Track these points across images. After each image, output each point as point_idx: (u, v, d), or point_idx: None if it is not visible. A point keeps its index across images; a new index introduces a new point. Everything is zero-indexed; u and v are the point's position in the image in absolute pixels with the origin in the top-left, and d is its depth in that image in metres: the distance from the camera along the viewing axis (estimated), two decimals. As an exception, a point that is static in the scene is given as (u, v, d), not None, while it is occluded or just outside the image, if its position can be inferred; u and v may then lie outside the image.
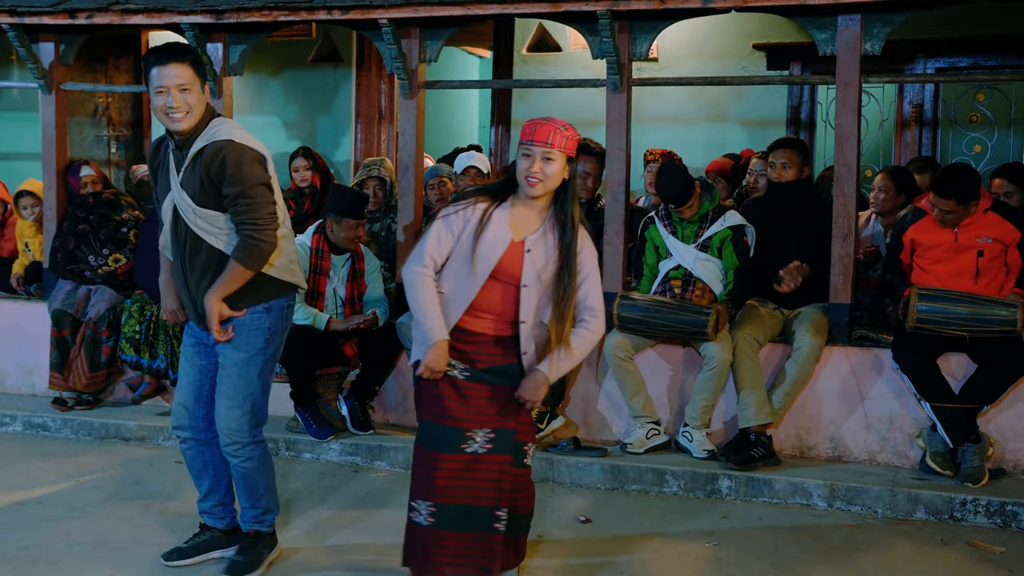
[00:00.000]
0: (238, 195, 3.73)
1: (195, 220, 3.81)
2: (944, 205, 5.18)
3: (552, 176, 3.59)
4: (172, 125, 3.79)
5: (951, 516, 4.92)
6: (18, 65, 9.01)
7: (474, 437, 3.66)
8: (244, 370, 3.93)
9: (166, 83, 3.74)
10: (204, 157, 3.75)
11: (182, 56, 3.79)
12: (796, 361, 5.39)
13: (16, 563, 4.20)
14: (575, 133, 3.66)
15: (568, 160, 3.62)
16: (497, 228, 3.63)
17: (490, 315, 3.68)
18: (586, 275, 3.70)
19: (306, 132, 8.96)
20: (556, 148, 3.57)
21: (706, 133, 8.66)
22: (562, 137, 3.59)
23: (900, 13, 5.39)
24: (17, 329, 6.87)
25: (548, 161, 3.57)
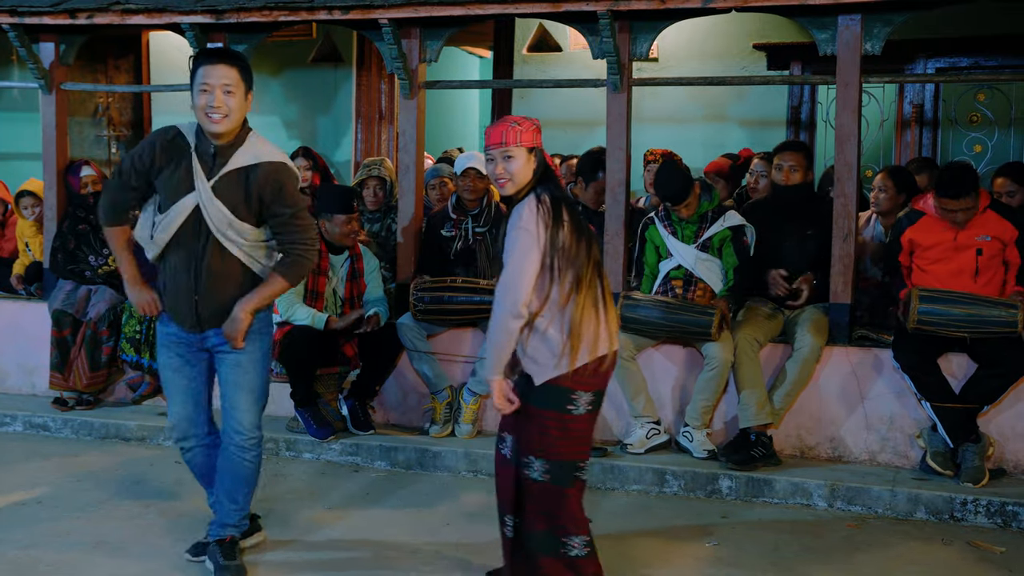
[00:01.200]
0: (292, 216, 3.88)
1: (226, 231, 3.83)
2: (964, 204, 5.16)
3: (517, 172, 3.61)
4: (210, 126, 3.77)
5: (951, 516, 4.91)
6: (18, 65, 9.01)
7: (506, 440, 3.77)
8: (262, 365, 4.04)
9: (212, 81, 3.74)
10: (257, 176, 3.83)
11: (232, 59, 3.81)
12: (797, 361, 5.39)
13: (16, 563, 4.20)
14: (529, 124, 3.65)
15: (530, 151, 3.62)
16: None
17: None
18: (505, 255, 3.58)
19: (306, 132, 8.96)
20: (511, 145, 3.61)
21: (706, 133, 8.67)
22: (515, 132, 3.62)
23: (900, 13, 5.39)
24: (17, 329, 6.87)
25: (509, 159, 3.61)
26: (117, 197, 3.98)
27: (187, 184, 3.82)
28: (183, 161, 3.83)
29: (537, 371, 3.59)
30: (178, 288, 3.92)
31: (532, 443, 3.63)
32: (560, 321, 3.55)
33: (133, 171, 3.89)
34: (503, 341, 3.56)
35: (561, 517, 3.65)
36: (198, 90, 3.77)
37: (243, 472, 4.09)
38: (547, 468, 3.61)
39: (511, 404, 3.62)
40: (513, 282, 3.52)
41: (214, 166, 3.81)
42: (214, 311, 3.91)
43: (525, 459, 3.65)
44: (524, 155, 3.62)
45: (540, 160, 3.65)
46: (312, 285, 5.79)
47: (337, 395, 5.99)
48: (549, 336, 3.55)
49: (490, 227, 6.05)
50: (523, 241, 3.52)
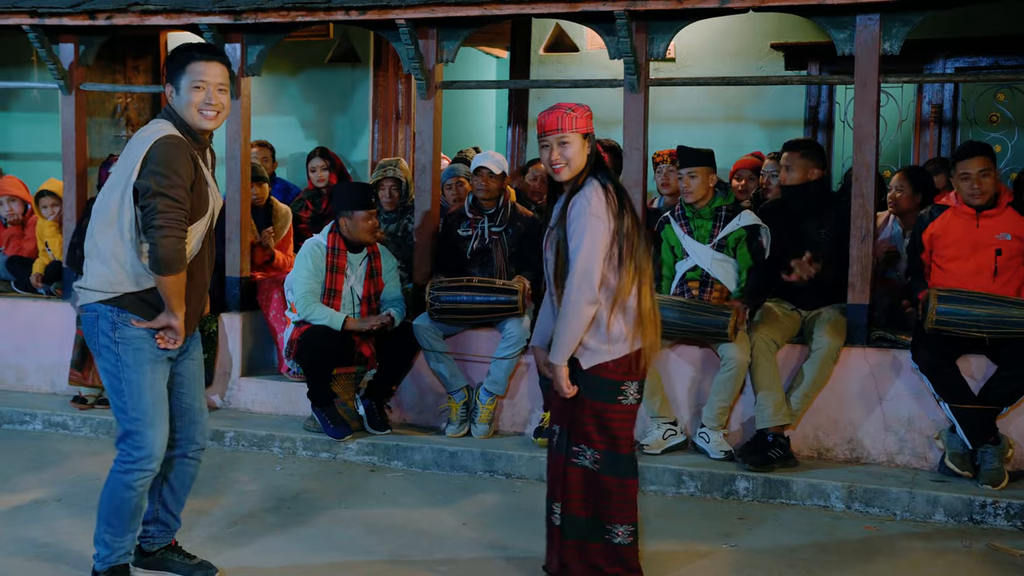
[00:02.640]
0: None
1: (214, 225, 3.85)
2: (977, 165, 5.14)
3: (573, 157, 3.67)
4: (204, 123, 3.67)
5: (971, 518, 4.89)
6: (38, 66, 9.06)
7: (555, 431, 3.85)
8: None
9: (208, 79, 3.65)
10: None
11: (224, 57, 3.77)
12: (814, 362, 5.37)
13: (36, 561, 4.22)
14: (582, 110, 3.71)
15: (585, 136, 3.69)
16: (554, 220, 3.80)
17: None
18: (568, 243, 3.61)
19: (323, 132, 8.98)
20: (567, 131, 3.67)
21: (724, 133, 8.64)
22: (570, 118, 3.67)
23: (919, 12, 5.36)
24: (37, 328, 6.92)
25: (564, 145, 3.67)
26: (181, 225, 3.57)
27: (205, 185, 3.73)
28: (198, 163, 3.72)
29: (588, 356, 3.66)
30: (197, 295, 3.78)
31: (584, 433, 3.73)
32: (620, 310, 3.64)
33: (188, 194, 3.60)
34: (578, 327, 3.61)
35: (610, 506, 3.75)
36: (191, 87, 3.63)
37: (194, 474, 4.00)
38: (598, 458, 3.72)
39: (572, 389, 3.69)
40: (590, 268, 3.57)
41: (207, 162, 3.78)
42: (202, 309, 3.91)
43: (576, 447, 3.75)
44: (579, 141, 3.68)
45: (594, 146, 3.72)
46: (330, 283, 5.81)
47: (354, 395, 6.00)
48: (604, 323, 3.63)
49: (506, 227, 6.05)
50: (594, 227, 3.57)
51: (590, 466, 3.74)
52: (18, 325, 6.98)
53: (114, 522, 3.79)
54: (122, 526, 3.80)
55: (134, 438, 3.69)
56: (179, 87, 3.66)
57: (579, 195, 3.63)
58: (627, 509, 3.78)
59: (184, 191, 3.56)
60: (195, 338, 3.93)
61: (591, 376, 3.68)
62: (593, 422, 3.71)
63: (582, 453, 3.75)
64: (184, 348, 3.83)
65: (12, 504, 4.93)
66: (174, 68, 3.69)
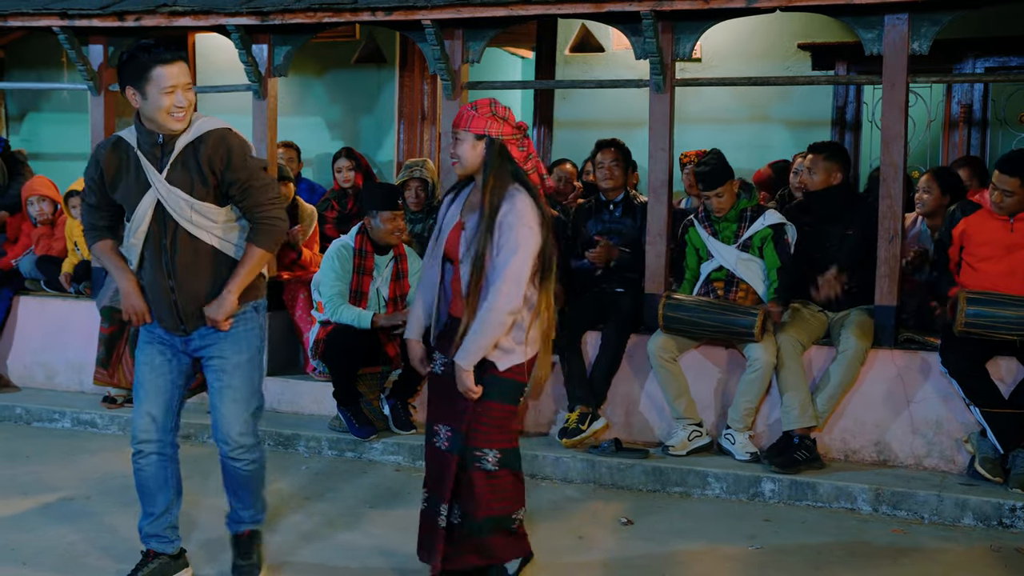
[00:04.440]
0: (248, 179, 3.69)
1: (190, 216, 3.68)
2: (1008, 184, 5.10)
3: (464, 155, 3.72)
4: (174, 125, 3.64)
5: (1000, 522, 4.84)
6: (68, 67, 9.16)
7: (439, 432, 3.83)
8: (248, 371, 3.86)
9: (175, 82, 3.61)
10: (204, 148, 3.67)
11: (182, 53, 3.70)
12: (841, 364, 5.34)
13: (64, 558, 4.26)
14: (486, 110, 3.71)
15: (478, 138, 3.70)
16: (451, 212, 3.84)
17: (459, 297, 3.78)
18: (499, 251, 3.61)
19: (349, 133, 9.01)
20: (461, 128, 3.72)
21: (750, 134, 8.60)
22: (468, 117, 3.72)
23: (948, 12, 5.32)
24: (66, 327, 6.98)
25: (457, 141, 3.74)
26: (86, 218, 3.92)
27: (142, 184, 3.71)
28: (131, 164, 3.72)
29: (506, 359, 3.69)
30: (156, 289, 3.78)
31: (487, 435, 3.75)
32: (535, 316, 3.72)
33: (89, 190, 3.85)
34: (497, 334, 3.64)
35: (512, 499, 3.84)
36: (162, 93, 3.59)
37: (240, 477, 3.93)
38: (499, 458, 3.76)
39: (478, 390, 3.67)
40: (521, 278, 3.60)
41: (163, 156, 3.69)
42: (195, 308, 3.77)
43: (478, 452, 3.74)
44: (471, 140, 3.71)
45: (489, 148, 3.69)
46: (356, 284, 5.83)
47: (379, 394, 6.02)
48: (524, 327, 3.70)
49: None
50: (527, 239, 3.61)
51: (492, 468, 3.75)
52: (47, 324, 7.05)
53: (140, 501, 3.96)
54: (142, 506, 3.95)
55: None
56: (146, 94, 3.62)
57: (509, 204, 3.62)
58: (521, 497, 3.89)
59: (87, 191, 3.87)
60: (210, 343, 3.82)
61: (503, 379, 3.71)
62: (493, 423, 3.74)
63: (484, 457, 3.74)
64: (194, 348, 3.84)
65: (42, 502, 4.98)
66: (134, 73, 3.63)
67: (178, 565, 4.00)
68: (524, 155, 3.77)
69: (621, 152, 6.04)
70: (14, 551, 4.31)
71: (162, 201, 3.68)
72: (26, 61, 9.47)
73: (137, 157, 3.71)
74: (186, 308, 3.77)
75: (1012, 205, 5.13)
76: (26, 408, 6.59)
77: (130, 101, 3.68)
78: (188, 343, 3.85)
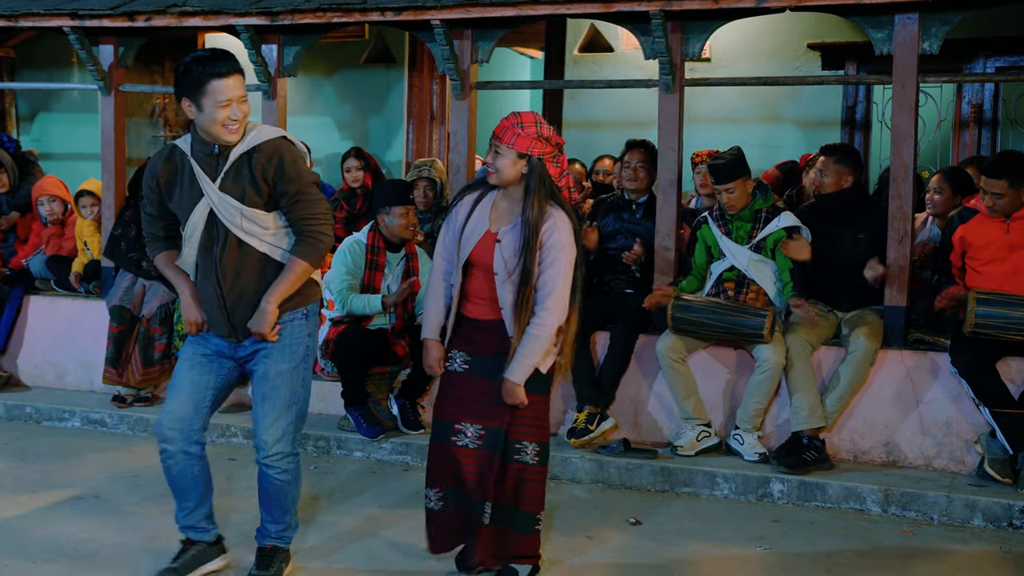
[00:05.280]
0: (298, 192, 3.72)
1: (240, 223, 3.71)
2: (995, 187, 5.10)
3: (503, 169, 3.83)
4: (228, 137, 3.67)
5: (1010, 524, 4.82)
6: (78, 67, 9.19)
7: (464, 431, 3.92)
8: (290, 380, 3.85)
9: (231, 95, 3.63)
10: (257, 157, 3.70)
11: (237, 65, 3.69)
12: (850, 364, 5.33)
13: (74, 556, 4.28)
14: (532, 131, 3.81)
15: (520, 156, 3.81)
16: (478, 219, 3.92)
17: (482, 300, 3.92)
18: (545, 268, 3.79)
19: (358, 132, 9.03)
20: (504, 144, 3.82)
21: (760, 134, 8.59)
22: (512, 135, 3.82)
23: (959, 12, 5.30)
24: (76, 327, 7.01)
25: (497, 155, 3.84)
26: (147, 228, 3.96)
27: (196, 192, 3.73)
28: (185, 172, 3.74)
29: (549, 360, 3.90)
30: (209, 297, 3.80)
31: (527, 429, 3.91)
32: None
33: (147, 200, 3.88)
34: (545, 348, 3.84)
35: (542, 497, 3.99)
36: (217, 106, 3.61)
37: (270, 488, 3.93)
38: (538, 451, 3.92)
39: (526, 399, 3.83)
40: (565, 295, 3.83)
41: (218, 165, 3.71)
42: (246, 315, 3.77)
43: (518, 445, 3.90)
44: (511, 157, 3.82)
45: (532, 169, 3.82)
46: (368, 281, 5.84)
47: (388, 394, 6.03)
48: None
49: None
50: (569, 259, 3.83)
51: (531, 461, 3.91)
52: (58, 323, 7.08)
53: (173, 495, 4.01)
54: (176, 499, 4.00)
55: None
56: (201, 106, 3.64)
57: (551, 223, 3.79)
58: (544, 499, 4.03)
59: (146, 200, 3.90)
60: (260, 348, 3.83)
61: (544, 375, 3.90)
62: (532, 416, 3.91)
63: (524, 450, 3.90)
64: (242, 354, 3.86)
65: (51, 500, 5.00)
66: (190, 86, 3.64)
67: (215, 551, 4.07)
68: (559, 172, 3.91)
69: (650, 154, 6.02)
70: (24, 549, 4.32)
71: (214, 209, 3.72)
72: (37, 61, 9.50)
73: (191, 165, 3.73)
74: (237, 315, 3.78)
75: (1005, 206, 5.13)
76: (36, 407, 6.61)
77: (185, 111, 3.70)
78: (238, 350, 3.86)
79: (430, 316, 4.03)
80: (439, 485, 3.99)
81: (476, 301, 3.93)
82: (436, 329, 4.03)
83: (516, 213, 3.87)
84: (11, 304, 7.12)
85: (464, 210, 3.96)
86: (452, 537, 4.06)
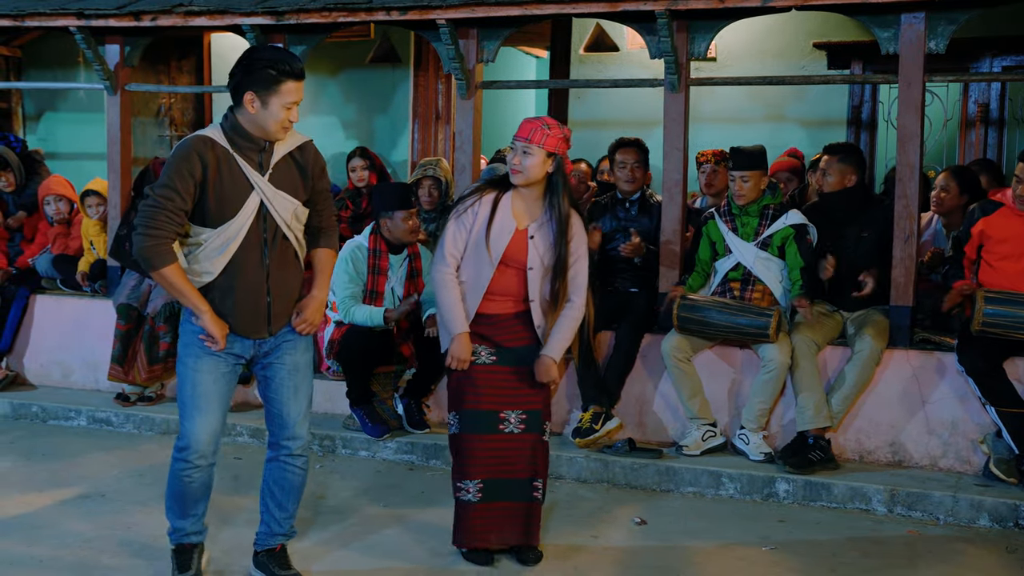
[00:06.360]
0: (326, 188, 3.93)
1: (290, 221, 3.76)
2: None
3: (530, 168, 4.04)
4: (280, 135, 3.70)
5: (1016, 524, 4.81)
6: (84, 67, 9.21)
7: (508, 418, 4.15)
8: (310, 370, 3.95)
9: (297, 97, 3.66)
10: (306, 157, 3.80)
11: (303, 68, 3.72)
12: (856, 364, 5.32)
13: (80, 554, 4.29)
14: (558, 132, 4.06)
15: (549, 155, 4.04)
16: (503, 218, 4.11)
17: (504, 296, 4.15)
18: (575, 259, 4.13)
19: (364, 132, 9.03)
20: (534, 144, 4.02)
21: (765, 133, 8.55)
22: (542, 135, 4.03)
23: (965, 11, 5.29)
24: (82, 326, 7.02)
25: (526, 155, 4.04)
26: (169, 225, 3.60)
27: (242, 186, 3.68)
28: (228, 166, 3.67)
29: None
30: (248, 292, 3.73)
31: (548, 409, 4.26)
32: None
33: (178, 193, 3.58)
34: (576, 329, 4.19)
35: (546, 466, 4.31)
36: (283, 105, 3.62)
37: (296, 481, 3.94)
38: (550, 428, 4.29)
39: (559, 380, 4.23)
40: (585, 284, 4.17)
41: (262, 161, 3.71)
42: (284, 308, 3.81)
43: (545, 425, 4.23)
44: (541, 157, 4.04)
45: (558, 167, 4.07)
46: (372, 284, 5.84)
47: (393, 394, 6.03)
48: None
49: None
50: (587, 249, 4.20)
51: (546, 437, 4.25)
52: (63, 322, 7.09)
53: (172, 505, 3.91)
54: (180, 510, 3.90)
55: (180, 428, 3.82)
56: (267, 103, 3.62)
57: (576, 223, 4.13)
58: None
59: (172, 191, 3.58)
60: (288, 343, 3.85)
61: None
62: (549, 397, 4.29)
63: (547, 429, 4.25)
64: (263, 351, 3.83)
65: (58, 499, 5.01)
66: (263, 81, 3.61)
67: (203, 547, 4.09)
68: (570, 169, 4.22)
69: (642, 152, 6.04)
70: (30, 548, 4.33)
71: (266, 203, 3.71)
72: (43, 61, 9.52)
73: (235, 159, 3.68)
74: (277, 309, 3.80)
75: None
76: (42, 406, 6.63)
77: (245, 105, 3.63)
78: (263, 346, 3.82)
79: (455, 311, 4.12)
80: (479, 475, 4.13)
81: (498, 298, 4.14)
82: (466, 323, 4.13)
83: (538, 210, 4.12)
84: (17, 303, 7.13)
85: (486, 210, 4.11)
86: (491, 528, 4.19)
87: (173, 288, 3.67)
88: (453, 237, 4.13)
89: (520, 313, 4.17)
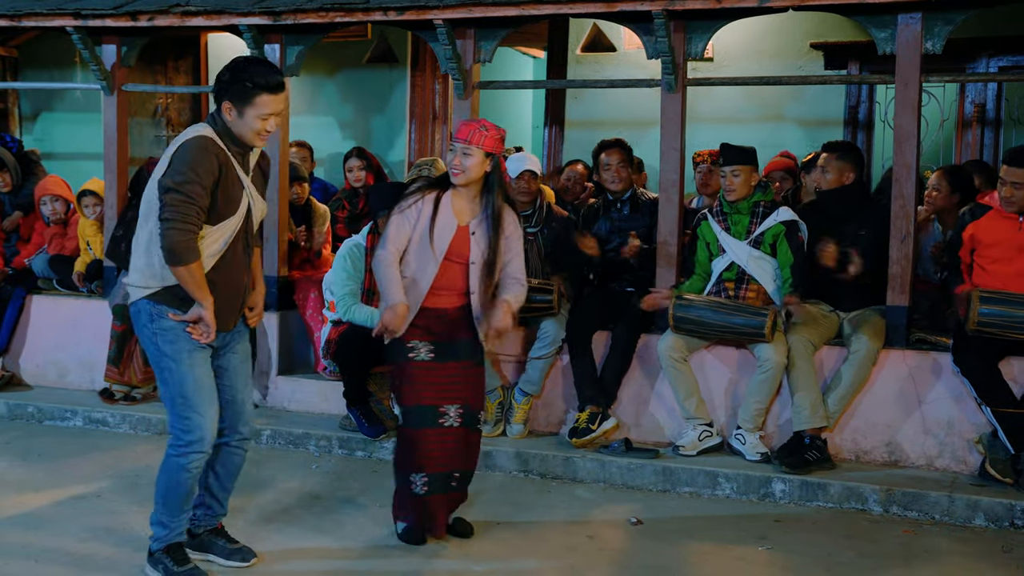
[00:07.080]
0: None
1: (261, 219, 4.03)
2: (1016, 176, 5.07)
3: (471, 168, 4.25)
4: (259, 144, 3.87)
5: (1011, 524, 4.82)
6: (81, 67, 9.20)
7: (448, 412, 4.33)
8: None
9: (274, 109, 3.78)
10: (265, 163, 4.06)
11: (283, 80, 3.86)
12: (852, 364, 5.33)
13: (75, 555, 4.28)
14: (495, 133, 4.26)
15: (487, 156, 4.25)
16: (445, 215, 4.30)
17: (449, 291, 4.33)
18: (514, 254, 4.38)
19: (361, 132, 9.03)
20: (474, 145, 4.23)
21: (762, 134, 8.57)
22: (480, 136, 4.23)
23: (962, 11, 5.30)
24: (78, 326, 7.01)
25: (466, 156, 4.24)
26: (196, 220, 3.69)
27: (238, 184, 3.84)
28: (230, 167, 3.81)
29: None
30: (231, 287, 3.90)
31: (480, 399, 4.47)
32: None
33: (203, 189, 3.69)
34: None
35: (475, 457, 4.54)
36: (258, 117, 3.75)
37: (240, 463, 4.15)
38: (484, 418, 4.64)
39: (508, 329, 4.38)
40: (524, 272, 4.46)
41: (244, 163, 3.90)
42: (245, 302, 4.03)
43: (480, 415, 4.47)
44: (480, 157, 4.24)
45: (495, 167, 4.28)
46: (370, 283, 5.85)
47: (390, 393, 6.02)
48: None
49: (542, 227, 6.04)
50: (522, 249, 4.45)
51: (480, 427, 4.50)
52: (60, 323, 7.08)
53: (169, 503, 3.94)
54: (176, 507, 3.95)
55: (183, 423, 3.87)
56: (243, 113, 3.76)
57: (509, 215, 4.36)
58: None
59: (199, 187, 3.68)
60: (239, 332, 4.04)
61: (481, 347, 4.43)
62: (481, 389, 4.48)
63: (482, 419, 4.55)
64: (225, 341, 3.98)
65: (54, 499, 5.00)
66: (239, 93, 3.75)
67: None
68: (504, 168, 4.41)
69: (626, 151, 6.09)
70: (26, 548, 4.33)
71: (251, 203, 3.91)
72: (39, 61, 9.52)
73: (230, 160, 3.83)
74: (245, 301, 4.02)
75: (1022, 199, 5.10)
76: (38, 406, 6.62)
77: (224, 112, 3.79)
78: (224, 337, 3.97)
79: (394, 284, 4.25)
80: (427, 469, 4.31)
81: (443, 292, 4.32)
82: (403, 294, 4.26)
83: (477, 207, 4.33)
84: (14, 303, 7.13)
85: (428, 208, 4.29)
86: (444, 518, 4.44)
87: (192, 282, 3.73)
88: (397, 229, 4.30)
89: (462, 307, 4.36)
